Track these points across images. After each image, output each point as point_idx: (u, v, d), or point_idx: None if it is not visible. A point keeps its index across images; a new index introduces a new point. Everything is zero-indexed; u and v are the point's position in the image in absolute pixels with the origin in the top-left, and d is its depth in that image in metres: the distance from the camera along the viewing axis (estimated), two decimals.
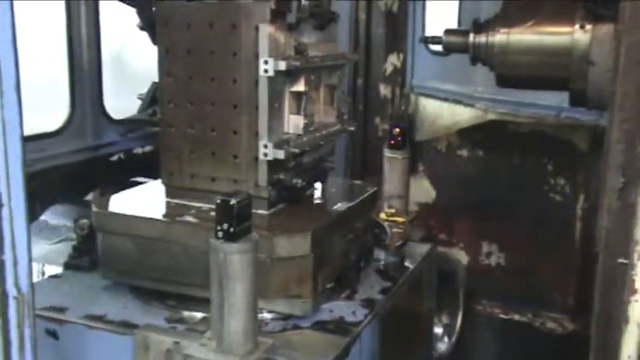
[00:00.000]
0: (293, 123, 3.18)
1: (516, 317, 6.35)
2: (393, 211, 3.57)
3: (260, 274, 2.57)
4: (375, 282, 3.41)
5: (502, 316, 6.32)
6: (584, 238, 6.00)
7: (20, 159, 1.80)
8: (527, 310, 6.32)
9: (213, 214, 3.10)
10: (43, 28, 4.16)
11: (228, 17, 3.07)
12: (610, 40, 3.19)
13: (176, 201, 3.29)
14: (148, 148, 4.76)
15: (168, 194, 3.34)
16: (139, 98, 3.36)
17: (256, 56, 3.02)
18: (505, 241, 6.40)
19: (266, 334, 2.86)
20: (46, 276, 3.60)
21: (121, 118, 4.65)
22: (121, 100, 4.87)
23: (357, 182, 3.67)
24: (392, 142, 3.72)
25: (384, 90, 6.56)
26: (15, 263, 1.81)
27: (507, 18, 3.58)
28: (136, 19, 3.99)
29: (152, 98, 3.29)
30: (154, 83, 3.30)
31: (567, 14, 3.41)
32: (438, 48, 4.36)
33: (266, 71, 2.99)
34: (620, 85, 2.21)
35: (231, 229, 2.50)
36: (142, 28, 3.21)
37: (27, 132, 1.85)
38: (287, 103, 3.18)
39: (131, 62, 5.22)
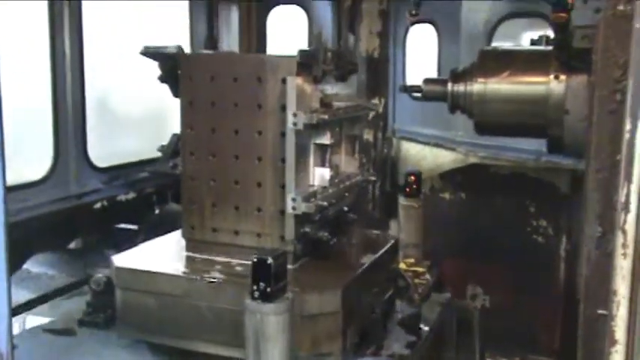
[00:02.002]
0: (319, 175, 3.15)
1: None
2: (412, 260, 3.53)
3: None
4: (399, 335, 3.35)
5: (489, 359, 6.31)
6: (569, 279, 6.06)
7: (3, 213, 1.76)
8: (513, 352, 6.33)
9: (238, 269, 3.07)
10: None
11: (254, 70, 3.04)
12: (584, 89, 3.28)
13: (198, 255, 3.20)
14: (131, 195, 4.69)
15: (190, 248, 3.25)
16: (158, 150, 3.28)
17: (282, 108, 2.99)
18: (490, 283, 6.43)
19: None
20: (27, 327, 3.46)
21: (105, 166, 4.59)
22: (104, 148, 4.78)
23: (377, 232, 3.62)
24: (407, 189, 3.69)
25: (366, 134, 6.57)
26: None
27: (484, 68, 3.65)
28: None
29: (173, 150, 3.20)
30: (175, 135, 3.22)
31: (541, 65, 3.50)
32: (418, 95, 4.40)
33: (295, 124, 2.95)
34: (594, 135, 2.26)
35: (268, 289, 2.44)
36: (163, 81, 3.15)
37: None
38: (312, 156, 3.15)
39: (116, 108, 5.12)
